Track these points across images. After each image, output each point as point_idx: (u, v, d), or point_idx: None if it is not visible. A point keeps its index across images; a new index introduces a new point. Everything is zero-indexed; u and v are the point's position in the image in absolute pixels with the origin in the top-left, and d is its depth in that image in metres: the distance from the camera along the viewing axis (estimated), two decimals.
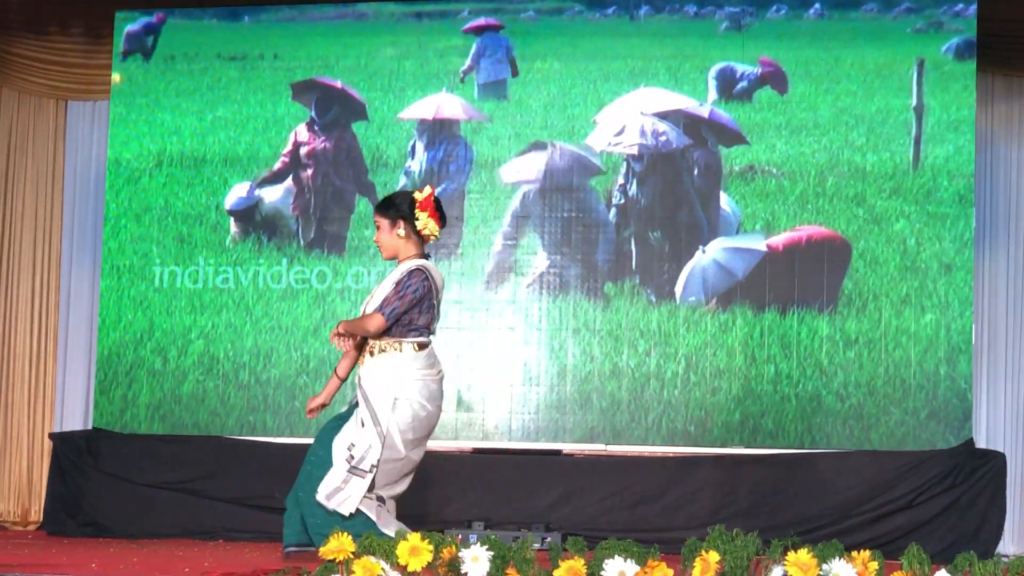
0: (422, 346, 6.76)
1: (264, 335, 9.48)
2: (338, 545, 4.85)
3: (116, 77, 9.92)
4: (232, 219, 9.68)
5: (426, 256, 6.86)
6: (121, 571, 5.83)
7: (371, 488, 6.58)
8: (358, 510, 6.53)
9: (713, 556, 4.79)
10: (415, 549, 4.83)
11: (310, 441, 9.14)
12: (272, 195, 9.69)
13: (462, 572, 4.83)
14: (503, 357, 9.31)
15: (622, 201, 9.33)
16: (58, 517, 9.29)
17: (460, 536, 5.01)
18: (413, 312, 6.69)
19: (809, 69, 9.33)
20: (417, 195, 6.82)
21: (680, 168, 9.31)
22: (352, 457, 6.59)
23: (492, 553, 4.84)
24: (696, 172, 9.30)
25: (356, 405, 6.77)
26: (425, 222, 6.78)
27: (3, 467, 10.24)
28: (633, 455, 9.10)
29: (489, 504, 8.92)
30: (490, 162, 9.52)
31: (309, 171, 9.69)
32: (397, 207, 6.82)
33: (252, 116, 9.81)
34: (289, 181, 9.69)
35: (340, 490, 6.56)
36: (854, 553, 4.85)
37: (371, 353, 6.75)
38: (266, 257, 9.57)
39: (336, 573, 4.84)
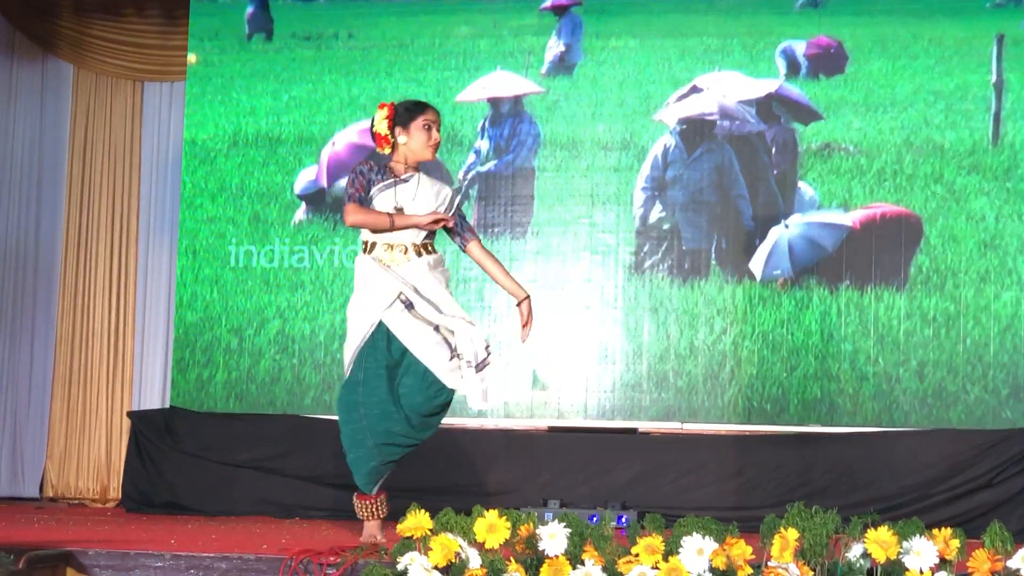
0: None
1: (339, 314, 9.50)
2: (415, 523, 4.86)
3: (192, 58, 9.97)
4: (303, 203, 9.71)
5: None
6: (200, 547, 5.85)
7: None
8: None
9: (792, 533, 4.76)
10: (493, 526, 4.82)
11: None
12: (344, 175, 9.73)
13: (539, 549, 4.83)
14: (578, 336, 9.29)
15: (698, 180, 9.29)
16: (136, 494, 9.36)
17: (534, 514, 4.99)
18: None
19: (886, 45, 9.23)
20: (416, 108, 6.69)
21: (756, 146, 9.25)
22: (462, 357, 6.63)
23: (569, 530, 4.84)
24: (773, 150, 9.23)
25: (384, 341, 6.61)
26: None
27: (83, 445, 10.33)
28: (709, 433, 9.06)
29: (564, 483, 8.91)
30: (563, 141, 9.49)
31: None
32: (401, 115, 6.64)
33: (327, 96, 9.83)
34: None
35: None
36: (935, 531, 4.81)
37: (419, 252, 6.61)
38: (340, 236, 9.59)
39: (413, 550, 4.85)
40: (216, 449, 9.34)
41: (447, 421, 9.24)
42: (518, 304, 6.75)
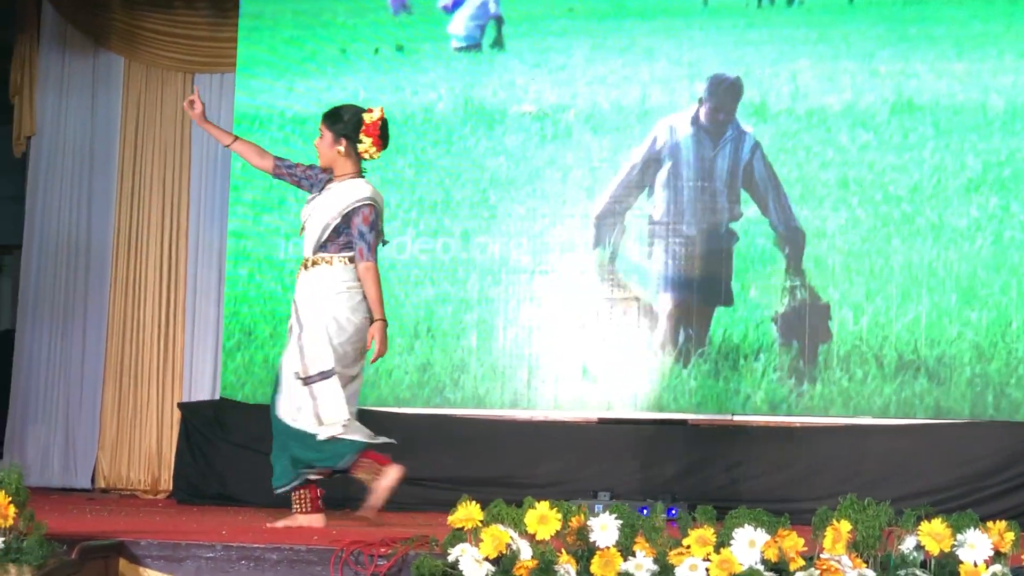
0: (352, 260, 6.93)
1: (409, 315, 9.50)
2: (466, 514, 4.85)
3: (241, 49, 9.99)
4: None
5: (363, 172, 7.09)
6: (250, 538, 5.86)
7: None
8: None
9: (845, 526, 4.73)
10: (544, 518, 4.81)
11: (431, 412, 9.20)
12: None
13: (591, 541, 4.82)
14: (627, 327, 9.26)
15: (744, 170, 9.26)
16: (187, 485, 9.41)
17: (584, 505, 4.98)
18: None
19: None
20: (366, 116, 7.00)
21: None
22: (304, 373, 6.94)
23: (621, 522, 4.82)
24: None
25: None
26: (367, 146, 6.98)
27: (133, 437, 10.38)
28: (760, 425, 9.03)
29: (614, 474, 8.90)
30: (590, 125, 9.47)
31: None
32: (344, 124, 7.02)
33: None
34: None
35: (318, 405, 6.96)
36: (989, 523, 4.77)
37: (305, 267, 7.02)
38: (414, 238, 9.58)
39: (464, 541, 4.85)
40: (266, 440, 9.29)
41: (497, 413, 9.30)
42: (370, 325, 7.01)
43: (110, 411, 10.42)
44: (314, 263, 6.97)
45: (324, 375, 6.97)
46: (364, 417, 9.30)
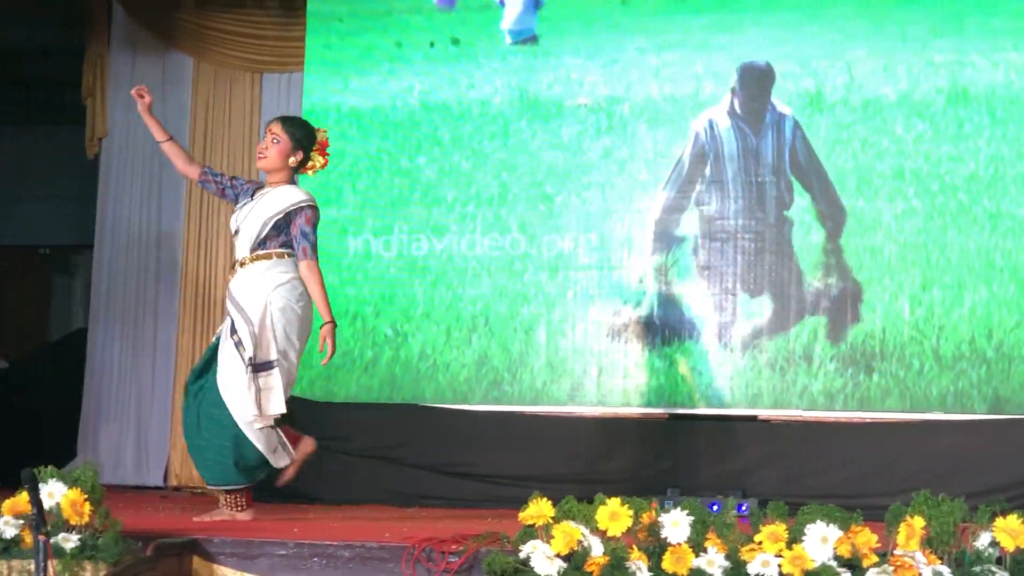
0: (291, 256, 7.22)
1: (460, 304, 9.53)
2: (537, 511, 4.87)
3: (310, 48, 10.03)
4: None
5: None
6: (323, 535, 5.90)
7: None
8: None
9: (918, 521, 4.72)
10: (615, 514, 4.83)
11: (508, 409, 9.21)
12: None
13: (662, 537, 4.82)
14: (699, 324, 9.23)
15: (790, 152, 9.23)
16: (259, 483, 9.45)
17: (655, 502, 4.99)
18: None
19: None
20: (319, 135, 7.38)
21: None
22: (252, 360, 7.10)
23: (692, 518, 4.83)
24: None
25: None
26: (315, 161, 7.36)
27: None
28: (830, 421, 8.99)
29: (683, 470, 8.89)
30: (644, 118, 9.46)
31: None
32: (306, 136, 7.34)
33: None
34: None
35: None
36: None
37: (242, 265, 7.23)
38: (457, 223, 9.60)
39: (535, 538, 4.86)
40: (336, 438, 9.40)
41: (565, 409, 9.30)
42: (321, 327, 7.20)
43: (181, 409, 10.47)
44: (253, 260, 7.19)
45: (267, 365, 7.17)
46: (428, 414, 9.39)
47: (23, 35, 11.65)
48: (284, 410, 7.26)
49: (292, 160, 7.26)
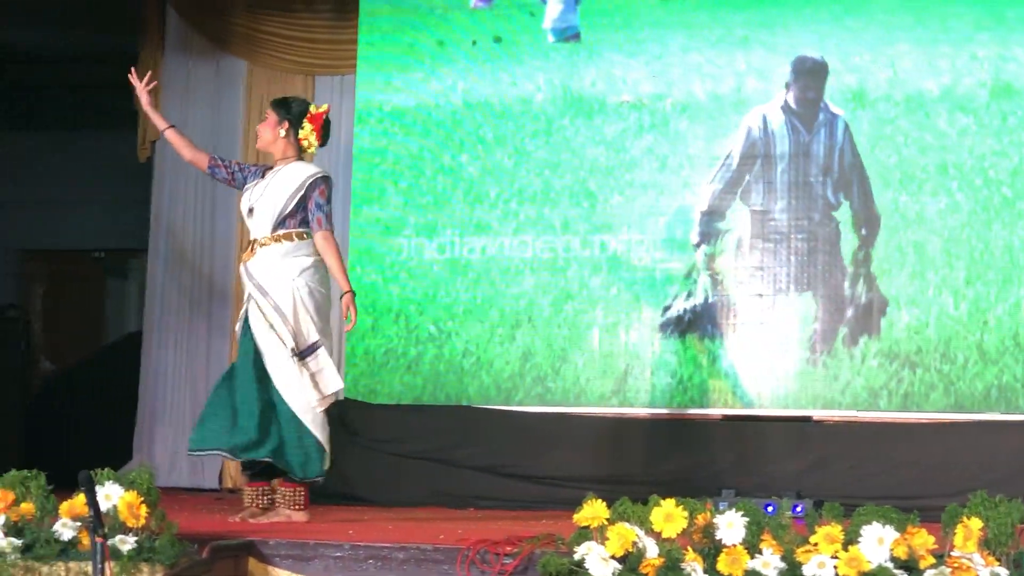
0: (308, 236, 7.27)
1: (509, 307, 9.53)
2: (592, 513, 4.87)
3: (362, 51, 10.05)
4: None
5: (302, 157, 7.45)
6: (377, 538, 5.91)
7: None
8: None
9: (976, 523, 4.69)
10: (670, 515, 4.82)
11: (559, 410, 9.20)
12: None
13: (717, 539, 4.81)
14: (750, 324, 9.21)
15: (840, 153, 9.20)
16: (312, 486, 9.47)
17: (709, 503, 4.98)
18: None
19: None
20: (312, 108, 7.43)
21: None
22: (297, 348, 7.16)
23: (747, 519, 4.81)
24: None
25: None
26: (307, 133, 7.37)
27: None
28: (884, 422, 8.94)
29: (738, 471, 8.86)
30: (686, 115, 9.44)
31: None
32: (288, 108, 7.41)
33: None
34: None
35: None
36: None
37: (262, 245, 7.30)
38: (507, 223, 9.61)
39: (590, 540, 4.86)
40: (389, 440, 9.43)
41: (617, 410, 9.30)
42: (340, 296, 7.29)
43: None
44: (274, 240, 7.24)
45: (311, 349, 7.23)
46: (479, 416, 9.39)
47: (76, 41, 11.75)
48: (341, 384, 7.39)
49: (281, 132, 7.35)
